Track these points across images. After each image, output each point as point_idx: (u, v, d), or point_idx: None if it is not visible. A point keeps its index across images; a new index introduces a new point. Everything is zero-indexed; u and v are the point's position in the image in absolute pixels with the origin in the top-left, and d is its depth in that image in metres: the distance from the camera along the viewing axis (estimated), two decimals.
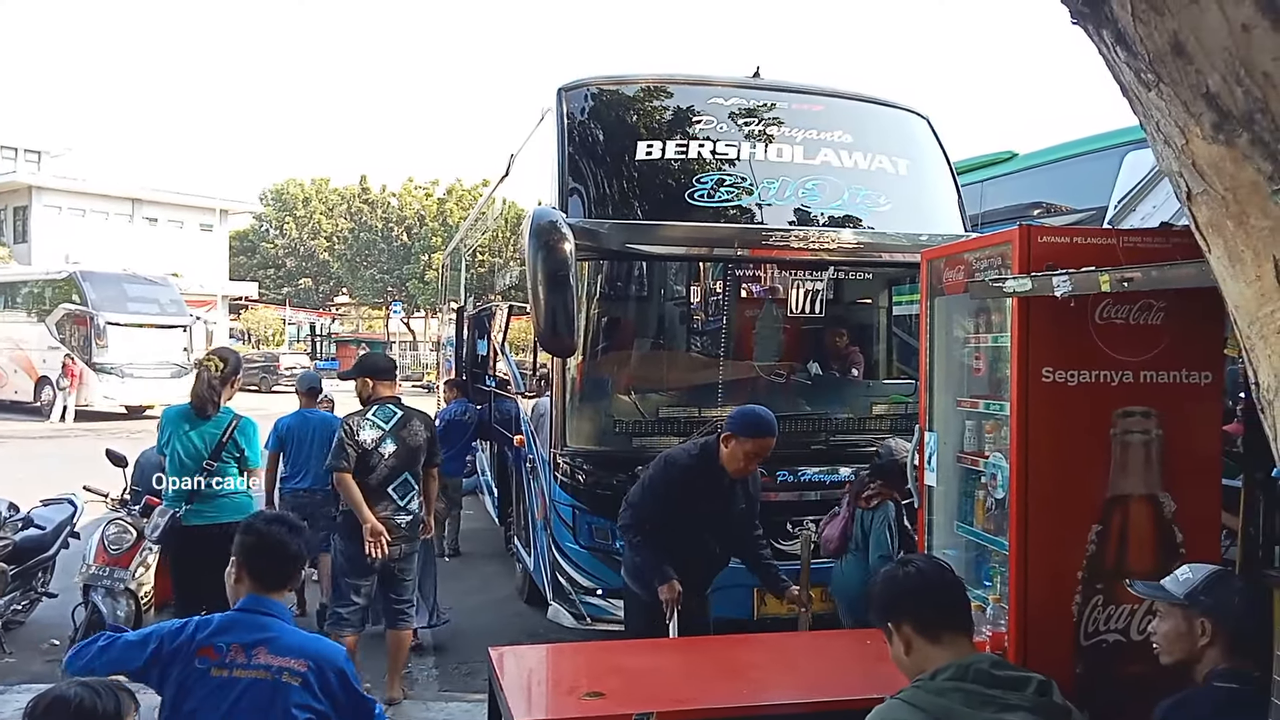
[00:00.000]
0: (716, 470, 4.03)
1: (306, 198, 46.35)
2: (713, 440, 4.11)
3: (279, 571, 2.63)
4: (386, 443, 4.83)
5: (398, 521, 4.86)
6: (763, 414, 4.04)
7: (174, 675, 2.44)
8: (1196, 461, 3.25)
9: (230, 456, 4.99)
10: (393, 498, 4.85)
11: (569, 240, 4.86)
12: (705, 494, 4.05)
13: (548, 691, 3.47)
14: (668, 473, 4.10)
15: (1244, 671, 2.22)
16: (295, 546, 2.64)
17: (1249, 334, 1.68)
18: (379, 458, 4.81)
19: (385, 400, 5.01)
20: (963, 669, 1.97)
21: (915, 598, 2.12)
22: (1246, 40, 1.48)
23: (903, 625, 2.11)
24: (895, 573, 2.20)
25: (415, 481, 4.98)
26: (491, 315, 8.76)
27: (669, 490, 4.06)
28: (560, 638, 5.31)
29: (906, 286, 5.90)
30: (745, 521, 4.27)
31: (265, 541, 2.61)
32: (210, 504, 4.95)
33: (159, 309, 22.58)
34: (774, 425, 4.02)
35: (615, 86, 5.91)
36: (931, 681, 1.98)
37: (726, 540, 4.23)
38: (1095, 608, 3.17)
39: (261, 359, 33.69)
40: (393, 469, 4.85)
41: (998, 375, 3.55)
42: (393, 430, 4.88)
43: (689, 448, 4.25)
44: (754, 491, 4.27)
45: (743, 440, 3.96)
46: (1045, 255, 3.13)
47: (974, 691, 1.92)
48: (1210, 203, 1.66)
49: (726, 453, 4.00)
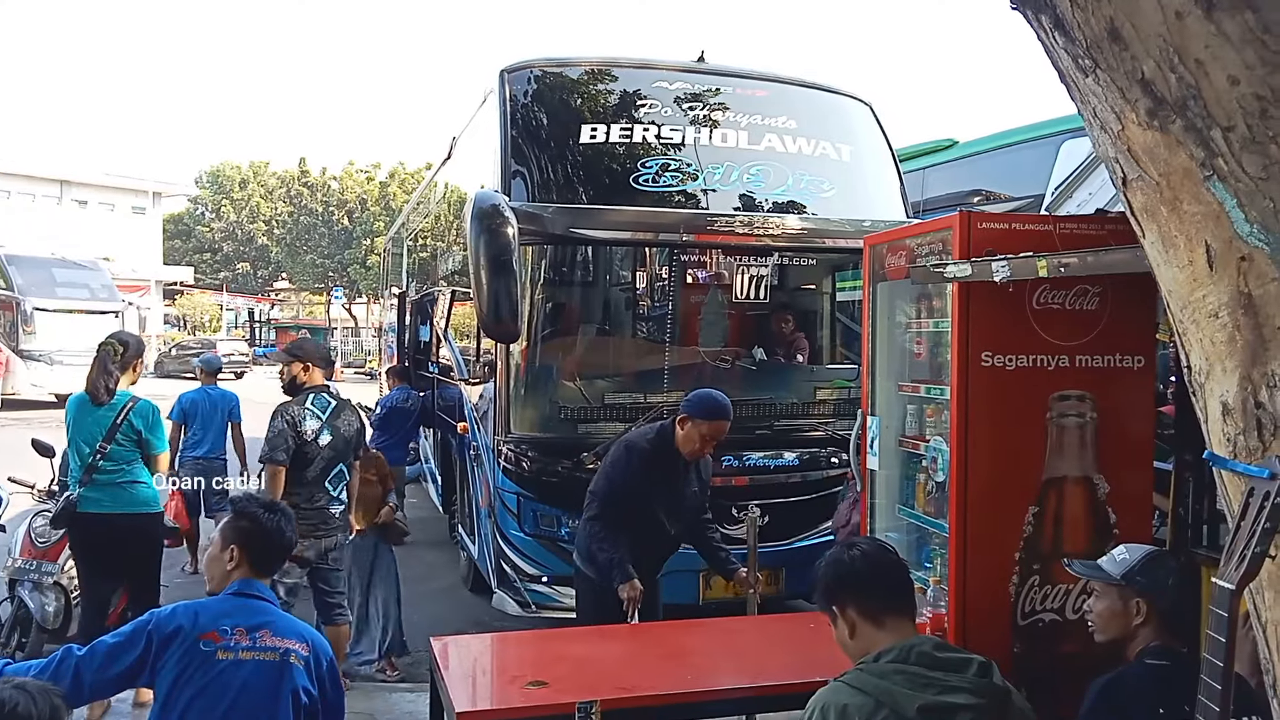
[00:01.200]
0: (673, 453, 4.05)
1: (244, 180, 45.25)
2: (669, 424, 4.12)
3: (272, 558, 2.71)
4: (324, 433, 4.74)
5: (331, 512, 4.79)
6: (719, 397, 4.07)
7: (172, 663, 2.43)
8: (1129, 444, 3.32)
9: (127, 440, 4.70)
10: (327, 489, 4.77)
11: (512, 224, 4.80)
12: (662, 478, 4.07)
13: (490, 681, 3.44)
14: (629, 458, 4.10)
15: (1174, 649, 2.28)
16: (289, 534, 2.73)
17: (1181, 318, 1.70)
18: (316, 449, 4.72)
19: (320, 389, 4.90)
20: (905, 651, 1.99)
21: (860, 581, 2.13)
22: (1180, 27, 1.49)
23: (847, 609, 2.11)
24: (840, 556, 2.20)
25: (348, 472, 4.92)
26: (434, 301, 8.65)
27: (630, 475, 4.06)
28: (505, 626, 5.28)
29: (850, 272, 5.95)
30: (697, 505, 4.30)
31: (265, 528, 2.67)
32: (104, 491, 4.66)
33: (89, 294, 21.93)
34: (730, 408, 4.05)
35: (559, 69, 5.85)
36: (874, 664, 2.00)
37: (679, 523, 4.24)
38: (1032, 588, 3.23)
39: (198, 346, 32.89)
40: (329, 460, 4.76)
41: (939, 360, 3.59)
42: (329, 420, 4.79)
43: (645, 432, 4.26)
44: (705, 475, 4.30)
45: (699, 423, 3.97)
46: (985, 241, 3.16)
47: (916, 673, 1.94)
48: (1145, 188, 1.67)
49: (682, 435, 4.02)
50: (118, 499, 4.69)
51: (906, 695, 1.90)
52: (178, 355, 32.52)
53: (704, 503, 4.34)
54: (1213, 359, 1.64)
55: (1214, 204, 1.56)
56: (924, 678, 1.93)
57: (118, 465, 4.68)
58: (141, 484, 4.78)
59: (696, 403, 4.03)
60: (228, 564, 2.63)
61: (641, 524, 4.07)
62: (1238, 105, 1.49)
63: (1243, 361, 1.58)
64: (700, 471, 4.25)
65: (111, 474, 4.68)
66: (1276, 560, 1.56)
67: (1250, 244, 1.53)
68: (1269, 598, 1.61)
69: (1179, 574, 2.39)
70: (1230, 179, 1.52)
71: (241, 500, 2.90)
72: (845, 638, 2.13)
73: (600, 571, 4.05)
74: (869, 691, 1.93)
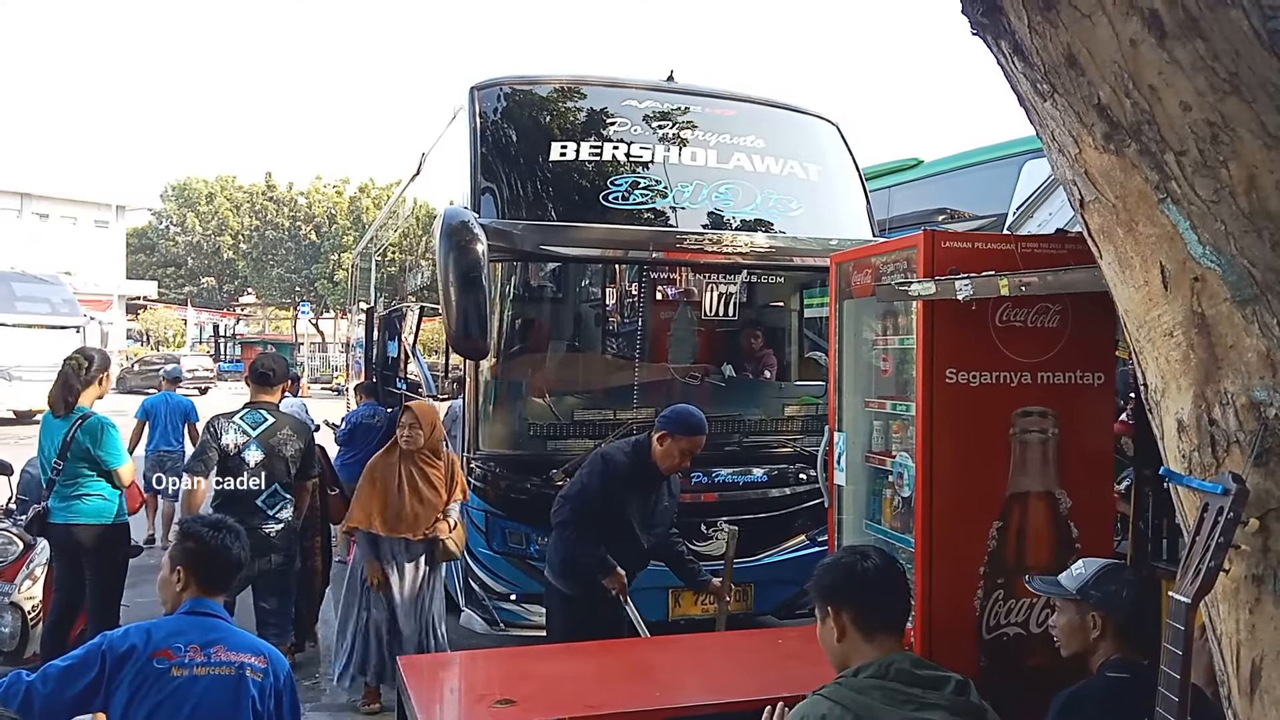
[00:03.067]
0: (649, 468, 4.12)
1: (210, 194, 44.78)
2: (644, 439, 4.18)
3: (221, 576, 2.69)
4: (251, 448, 4.71)
5: (265, 532, 4.75)
6: (696, 413, 4.15)
7: (125, 682, 2.41)
8: (1090, 459, 3.38)
9: (78, 455, 4.76)
10: (260, 509, 4.73)
11: (481, 241, 4.79)
12: (637, 491, 4.14)
13: (458, 700, 3.41)
14: (606, 467, 4.15)
15: (1134, 662, 2.31)
16: (236, 551, 2.70)
17: (1138, 337, 1.74)
18: (241, 463, 4.70)
19: (259, 405, 4.87)
20: (884, 667, 2.01)
21: (864, 593, 2.13)
22: (1134, 55, 1.54)
23: (842, 614, 2.12)
24: (852, 562, 2.19)
25: (286, 492, 4.86)
26: (402, 316, 8.60)
27: (606, 487, 4.10)
28: (473, 644, 5.23)
29: (817, 290, 6.00)
30: (669, 520, 4.35)
31: (210, 548, 2.66)
32: (64, 503, 4.80)
33: (50, 309, 21.51)
34: (705, 424, 4.13)
35: (528, 86, 5.86)
36: (854, 679, 2.02)
37: (652, 537, 4.27)
38: (996, 602, 3.27)
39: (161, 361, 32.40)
40: (261, 478, 4.73)
41: (904, 376, 3.63)
42: (259, 436, 4.75)
43: (623, 446, 4.30)
44: (675, 490, 4.36)
45: (679, 439, 4.05)
46: (949, 260, 3.21)
47: (894, 689, 1.96)
48: (1101, 210, 1.71)
49: (661, 450, 4.08)
50: (73, 510, 4.81)
51: (885, 710, 1.93)
52: (141, 370, 32.02)
53: (672, 517, 4.39)
54: (1168, 377, 1.68)
55: (1168, 226, 1.60)
56: (902, 693, 1.96)
57: (72, 479, 4.80)
58: (95, 496, 4.84)
59: (675, 419, 4.08)
60: (176, 586, 2.63)
61: (616, 535, 4.10)
62: (1190, 130, 1.53)
63: (1197, 380, 1.62)
64: (670, 487, 4.30)
65: (67, 487, 4.81)
66: (1231, 574, 1.59)
67: (1203, 265, 1.57)
68: (1223, 611, 1.64)
69: (1133, 586, 2.41)
70: (1183, 202, 1.56)
71: (187, 521, 2.91)
72: (831, 640, 2.14)
73: (573, 573, 4.09)
74: (849, 705, 1.95)
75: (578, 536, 4.08)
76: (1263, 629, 1.56)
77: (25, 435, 16.16)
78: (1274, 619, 1.55)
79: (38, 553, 5.11)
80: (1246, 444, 1.55)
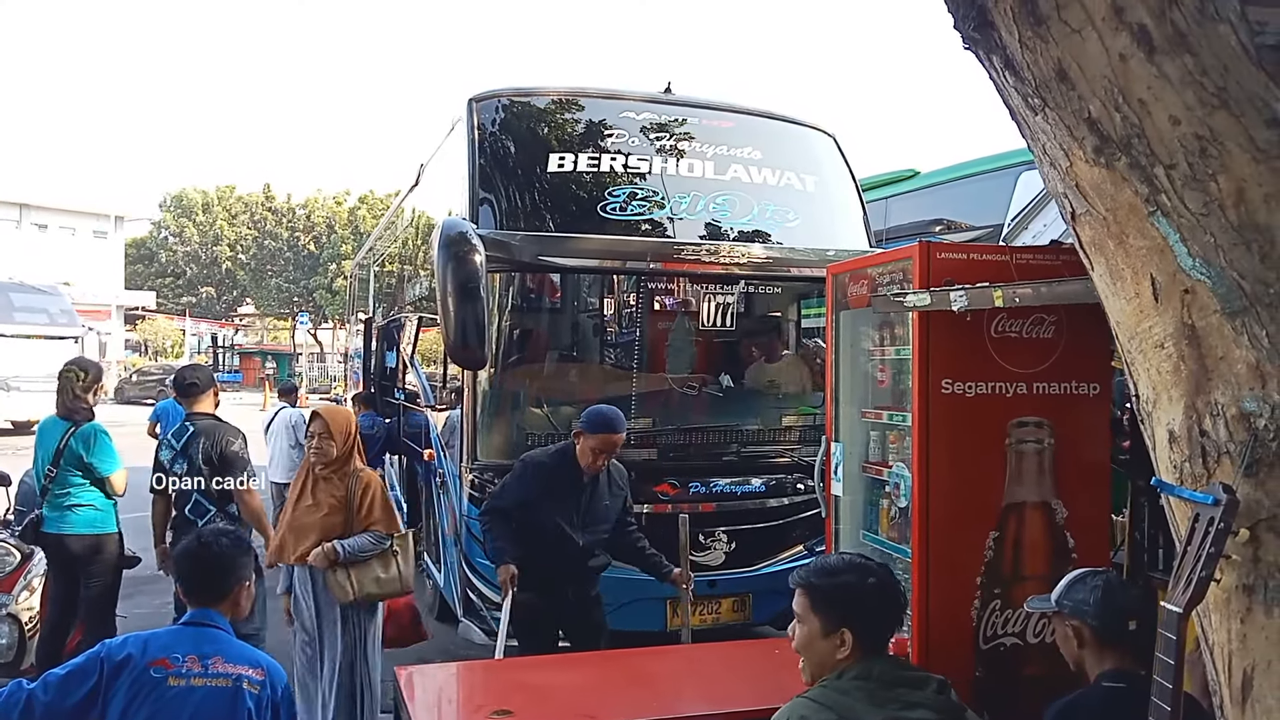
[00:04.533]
0: (573, 467, 4.25)
1: (209, 204, 44.85)
2: (570, 441, 4.33)
3: (205, 584, 2.67)
4: (178, 462, 4.72)
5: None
6: (606, 411, 4.29)
7: (121, 691, 2.41)
8: (1086, 469, 3.39)
9: (71, 464, 4.82)
10: (189, 519, 4.73)
11: (479, 251, 4.81)
12: (562, 490, 4.27)
13: (456, 711, 3.42)
14: (523, 469, 4.39)
15: (1131, 672, 2.31)
16: (226, 561, 2.69)
17: (1129, 348, 1.76)
18: (174, 479, 4.73)
19: (190, 416, 4.90)
20: (866, 668, 2.03)
21: (873, 612, 2.11)
22: (1124, 69, 1.56)
23: (846, 631, 2.09)
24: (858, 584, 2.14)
25: (210, 504, 4.75)
26: (401, 327, 8.61)
27: (521, 484, 4.31)
28: (471, 655, 5.23)
29: (814, 300, 6.01)
30: (614, 518, 4.42)
31: (197, 558, 2.69)
32: (57, 512, 4.85)
33: (48, 319, 21.53)
34: (619, 423, 4.24)
35: (526, 98, 5.89)
36: (837, 681, 2.03)
37: (588, 534, 4.32)
38: (993, 612, 3.27)
39: (159, 372, 32.38)
40: (186, 489, 4.73)
41: (900, 387, 3.64)
42: (182, 449, 4.76)
43: (549, 449, 4.52)
44: (618, 487, 4.43)
45: (588, 436, 4.20)
46: (944, 271, 3.23)
47: (877, 690, 1.98)
48: (1093, 223, 1.73)
49: (579, 449, 4.23)
50: (66, 520, 4.86)
51: (869, 710, 1.94)
52: (139, 381, 32.01)
53: (623, 514, 4.47)
54: (1159, 388, 1.69)
55: (1158, 238, 1.61)
56: (886, 694, 1.97)
57: (64, 488, 4.85)
58: (87, 505, 4.88)
59: (586, 418, 4.27)
60: (181, 596, 2.71)
61: (542, 534, 4.24)
62: (1179, 144, 1.55)
63: (1187, 391, 1.63)
64: (613, 484, 4.40)
65: (60, 496, 4.86)
66: (1222, 584, 1.61)
67: (1193, 277, 1.58)
68: (1215, 620, 1.65)
69: (1102, 590, 2.35)
70: (1173, 214, 1.58)
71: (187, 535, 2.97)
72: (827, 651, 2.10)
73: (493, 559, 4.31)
74: (832, 706, 1.96)
75: (489, 528, 4.33)
76: (1254, 639, 1.57)
77: (23, 446, 16.08)
78: (1265, 629, 1.56)
79: (35, 563, 5.10)
80: (1237, 455, 1.57)
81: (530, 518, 4.25)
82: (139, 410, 24.46)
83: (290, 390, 10.44)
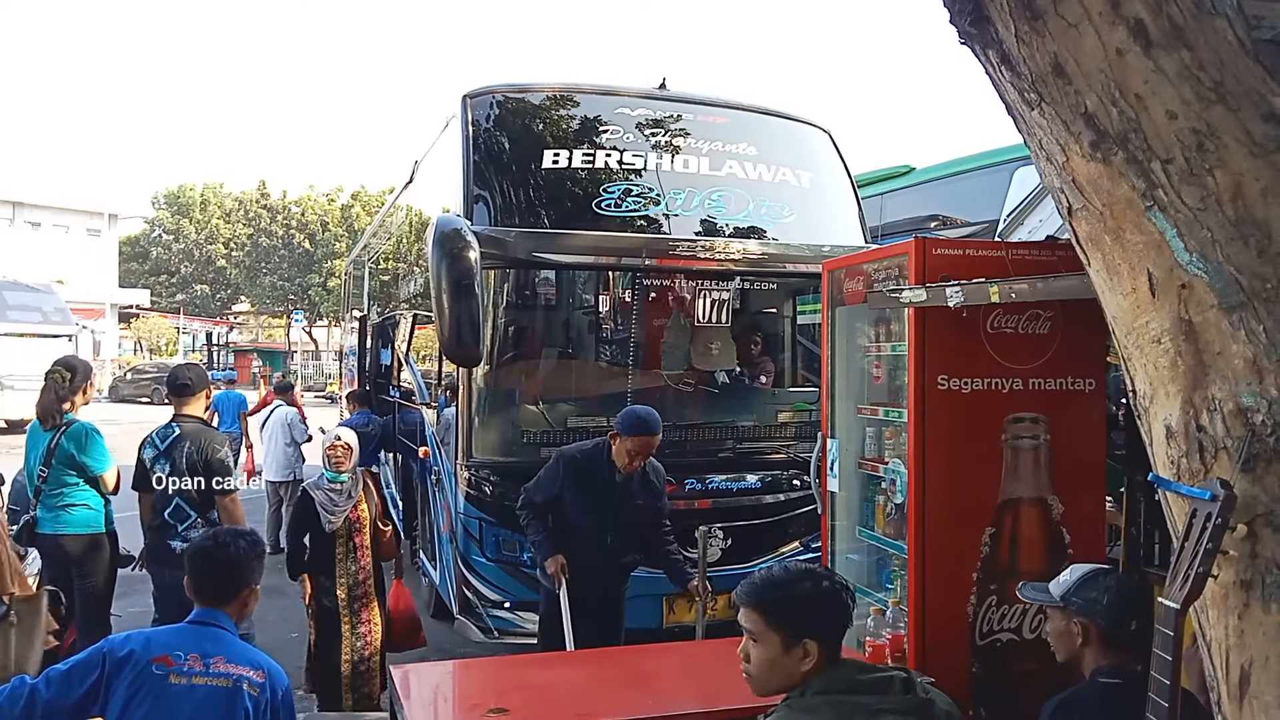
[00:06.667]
0: (607, 465, 4.25)
1: (203, 201, 44.71)
2: (606, 439, 4.32)
3: (218, 586, 2.67)
4: (160, 464, 4.69)
5: (171, 546, 4.66)
6: (642, 413, 4.25)
7: (123, 686, 2.42)
8: (1082, 465, 3.39)
9: (63, 463, 4.77)
10: (170, 523, 4.69)
11: (474, 248, 4.79)
12: (595, 487, 4.26)
13: (452, 709, 3.40)
14: (557, 463, 4.37)
15: (1127, 668, 2.31)
16: (241, 562, 2.70)
17: (1126, 344, 1.75)
18: (156, 480, 4.69)
19: (177, 418, 4.83)
20: (827, 682, 1.95)
21: (834, 617, 2.04)
22: (1121, 64, 1.55)
23: (809, 641, 1.99)
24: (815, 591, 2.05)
25: (191, 508, 4.71)
26: (396, 324, 8.59)
27: (554, 476, 4.30)
28: (468, 652, 5.22)
29: (810, 296, 6.01)
30: (648, 518, 4.40)
31: (211, 557, 2.69)
32: (51, 513, 4.82)
33: (41, 318, 21.46)
34: (655, 424, 4.20)
35: (521, 94, 5.87)
36: (801, 699, 1.96)
37: (627, 536, 4.33)
38: (989, 608, 3.28)
39: (154, 370, 32.29)
40: (165, 493, 4.69)
41: (896, 383, 3.64)
42: (166, 451, 4.72)
43: (584, 444, 4.50)
44: (655, 488, 4.42)
45: (625, 439, 4.18)
46: (940, 267, 3.23)
47: (843, 702, 1.92)
48: (1089, 218, 1.72)
49: (615, 450, 4.23)
50: (61, 521, 4.82)
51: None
52: (133, 379, 31.90)
53: (659, 516, 4.46)
54: (1156, 384, 1.69)
55: (1155, 233, 1.61)
56: (852, 704, 1.91)
57: (57, 488, 4.81)
58: (80, 505, 4.85)
59: (623, 420, 4.24)
60: (189, 593, 2.70)
61: (572, 530, 4.25)
62: (1176, 139, 1.54)
63: (1184, 386, 1.63)
64: (650, 485, 4.38)
65: (53, 497, 4.82)
66: (1219, 580, 1.60)
67: (1190, 272, 1.58)
68: (1213, 616, 1.65)
69: (1114, 592, 2.36)
70: (1170, 209, 1.58)
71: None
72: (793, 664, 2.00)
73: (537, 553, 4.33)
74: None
75: (528, 521, 4.33)
76: (1251, 634, 1.57)
77: (16, 445, 16.00)
78: (1262, 624, 1.55)
79: (29, 564, 5.09)
80: (1234, 450, 1.56)
81: (561, 512, 4.28)
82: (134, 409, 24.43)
83: (287, 388, 10.41)
